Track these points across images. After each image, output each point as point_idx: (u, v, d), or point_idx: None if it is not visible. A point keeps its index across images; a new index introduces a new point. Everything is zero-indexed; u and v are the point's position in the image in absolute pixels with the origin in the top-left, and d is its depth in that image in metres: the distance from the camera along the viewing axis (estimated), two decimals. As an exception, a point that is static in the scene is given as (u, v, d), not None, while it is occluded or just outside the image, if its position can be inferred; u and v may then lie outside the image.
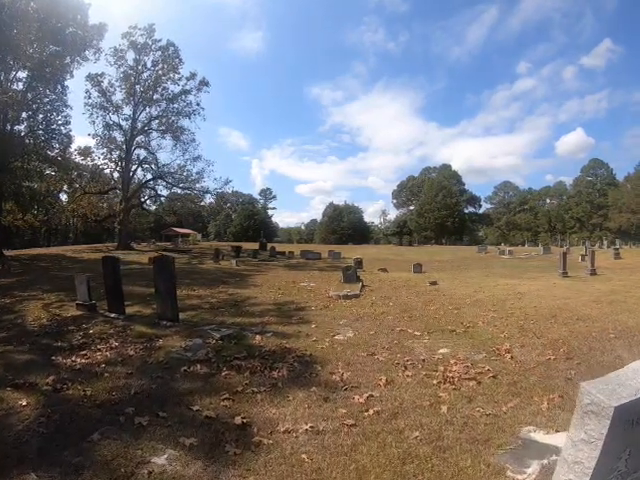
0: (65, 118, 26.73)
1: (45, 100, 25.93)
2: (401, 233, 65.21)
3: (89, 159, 32.43)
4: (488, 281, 13.45)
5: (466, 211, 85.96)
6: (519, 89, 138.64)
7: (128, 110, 33.39)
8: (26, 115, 25.12)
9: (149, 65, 33.27)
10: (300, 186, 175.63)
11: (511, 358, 4.64)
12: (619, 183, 73.24)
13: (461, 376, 3.99)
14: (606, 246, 42.42)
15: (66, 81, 26.43)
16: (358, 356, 4.82)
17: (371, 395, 3.56)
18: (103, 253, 26.62)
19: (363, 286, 11.66)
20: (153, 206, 42.78)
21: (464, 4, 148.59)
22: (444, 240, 75.54)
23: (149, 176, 35.84)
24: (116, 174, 34.59)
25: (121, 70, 32.54)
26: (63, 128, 26.80)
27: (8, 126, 23.80)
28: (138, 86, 33.13)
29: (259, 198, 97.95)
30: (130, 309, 8.02)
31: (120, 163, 33.61)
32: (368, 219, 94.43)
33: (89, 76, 31.54)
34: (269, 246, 33.79)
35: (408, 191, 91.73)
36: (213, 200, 40.56)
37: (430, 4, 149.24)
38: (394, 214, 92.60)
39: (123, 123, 33.51)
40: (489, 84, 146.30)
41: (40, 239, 51.46)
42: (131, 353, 5.19)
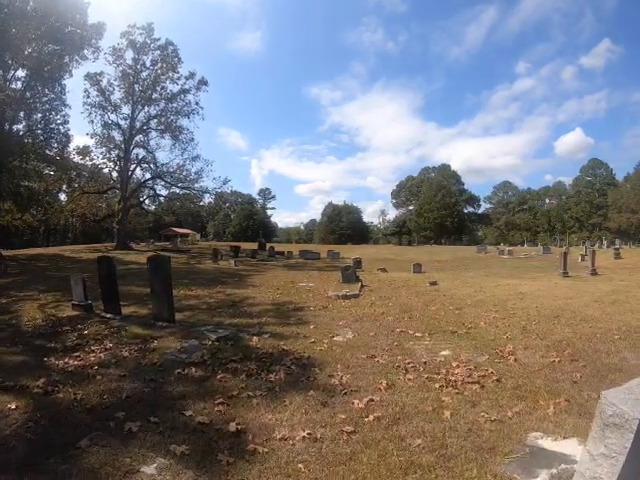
0: (64, 117, 26.62)
1: (44, 99, 25.76)
2: (400, 233, 65.24)
3: (88, 158, 32.21)
4: (488, 281, 13.34)
5: (465, 211, 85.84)
6: (518, 89, 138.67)
7: (127, 109, 33.24)
8: (25, 114, 24.97)
9: (148, 64, 33.10)
10: (299, 186, 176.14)
11: (515, 360, 4.52)
12: (618, 183, 73.17)
13: (464, 379, 3.87)
14: (606, 246, 42.35)
15: (65, 80, 26.32)
16: (358, 358, 4.69)
17: (371, 400, 3.43)
18: (102, 253, 26.41)
19: (362, 286, 11.54)
20: (152, 206, 42.58)
21: (463, 4, 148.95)
22: (443, 240, 75.39)
23: (148, 176, 35.70)
24: (115, 174, 34.46)
25: (120, 69, 32.35)
26: (62, 127, 26.68)
27: (6, 125, 23.63)
28: (137, 85, 32.93)
29: (258, 198, 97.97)
30: (126, 309, 7.92)
31: (119, 162, 33.41)
32: (367, 219, 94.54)
33: (88, 75, 31.35)
34: (268, 246, 33.64)
35: (407, 191, 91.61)
36: (212, 200, 40.44)
37: (429, 4, 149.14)
38: (393, 214, 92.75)
39: (122, 122, 33.35)
40: (488, 84, 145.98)
41: (39, 239, 51.23)
42: (125, 355, 5.08)
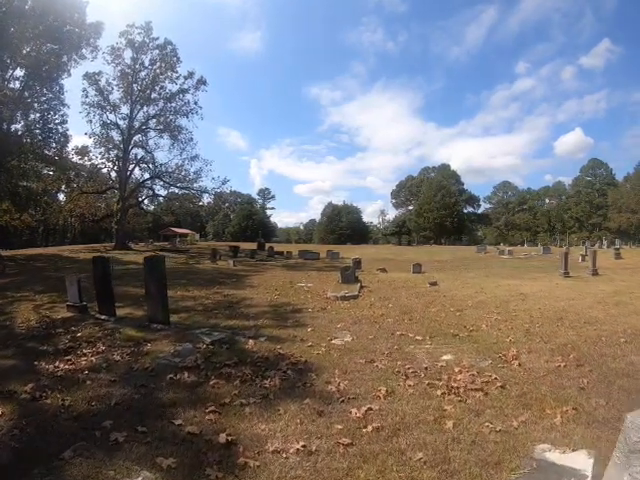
0: (62, 117, 26.37)
1: (42, 99, 25.58)
2: (400, 233, 65.08)
3: (86, 158, 32.02)
4: (489, 282, 13.18)
5: (465, 211, 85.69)
6: (518, 89, 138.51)
7: (125, 109, 33.03)
8: (23, 114, 24.80)
9: (147, 64, 32.89)
10: (299, 186, 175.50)
11: (519, 365, 4.37)
12: (618, 183, 73.05)
13: (467, 386, 3.71)
14: (606, 246, 42.21)
15: (63, 80, 26.11)
16: (356, 363, 4.54)
17: (370, 408, 3.27)
18: (100, 253, 26.30)
19: (362, 287, 11.39)
20: (151, 206, 42.33)
21: (463, 4, 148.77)
22: (443, 240, 75.24)
23: (147, 175, 35.46)
24: (113, 174, 34.20)
25: (118, 69, 32.15)
26: (60, 127, 26.44)
27: (4, 125, 23.47)
28: (135, 85, 32.74)
29: (257, 198, 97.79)
30: (121, 311, 7.79)
31: (117, 162, 33.21)
32: (367, 219, 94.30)
33: (86, 75, 31.16)
34: (267, 246, 33.45)
35: (407, 191, 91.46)
36: (211, 200, 40.21)
37: (429, 4, 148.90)
38: (393, 214, 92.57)
39: (120, 122, 33.15)
40: (488, 84, 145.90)
41: (38, 239, 51.11)
42: (117, 358, 4.96)
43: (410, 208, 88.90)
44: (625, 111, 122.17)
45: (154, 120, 34.15)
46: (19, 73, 23.86)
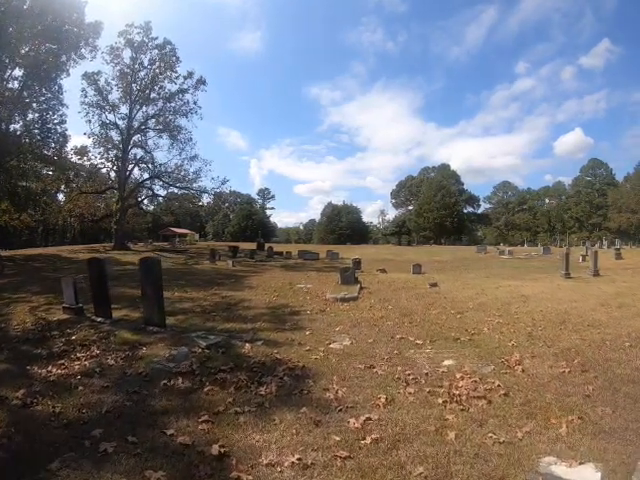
0: (61, 117, 26.22)
1: (41, 99, 25.46)
2: (400, 233, 64.90)
3: (85, 158, 31.88)
4: (490, 283, 13.06)
5: (465, 211, 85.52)
6: (518, 89, 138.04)
7: (125, 109, 32.85)
8: (21, 114, 24.69)
9: (146, 63, 32.72)
10: (298, 186, 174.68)
11: (522, 371, 4.25)
12: (618, 183, 72.92)
13: (469, 393, 3.59)
14: (606, 246, 42.09)
15: (62, 80, 25.95)
16: (355, 369, 4.42)
17: (369, 418, 3.15)
18: (99, 253, 26.20)
19: (361, 288, 11.27)
20: (150, 206, 42.16)
21: (463, 4, 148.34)
22: (443, 240, 75.11)
23: (146, 175, 35.26)
24: (113, 174, 34.05)
25: (117, 68, 31.98)
26: (59, 127, 26.28)
27: (3, 125, 23.36)
28: (135, 85, 32.59)
29: (257, 198, 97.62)
30: (118, 313, 7.69)
31: (117, 162, 33.06)
32: (367, 219, 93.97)
33: (85, 74, 31.02)
34: (267, 246, 33.31)
35: (407, 191, 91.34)
36: (211, 200, 40.05)
37: (429, 4, 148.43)
38: (393, 214, 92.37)
39: (120, 122, 32.97)
40: (488, 84, 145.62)
41: (37, 239, 51.01)
42: (111, 363, 4.87)
43: (410, 208, 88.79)
44: (625, 111, 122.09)
45: (153, 120, 34.03)
46: (18, 73, 23.79)
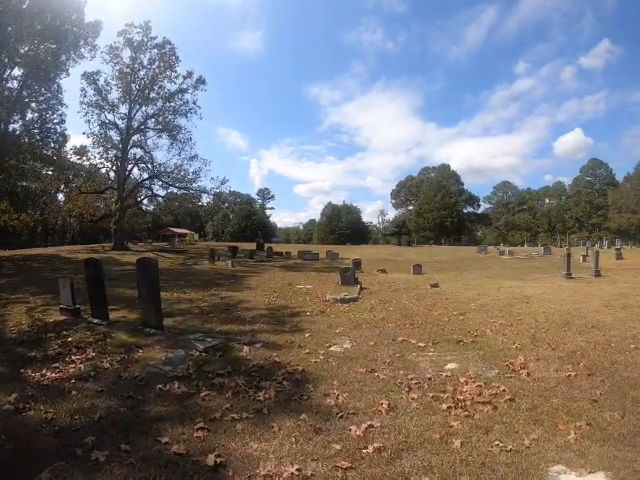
0: (60, 117, 26.19)
1: (40, 98, 25.41)
2: (400, 233, 64.59)
3: (85, 158, 31.75)
4: (491, 283, 12.97)
5: (465, 211, 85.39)
6: (518, 89, 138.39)
7: (124, 109, 32.71)
8: (21, 113, 24.59)
9: (145, 63, 32.58)
10: (298, 186, 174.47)
11: (527, 375, 4.13)
12: (618, 183, 72.82)
13: (474, 399, 3.48)
14: (606, 246, 42.01)
15: (61, 79, 25.92)
16: (356, 373, 4.31)
17: (371, 425, 3.04)
18: (99, 253, 26.09)
19: (361, 289, 11.18)
20: (150, 206, 42.05)
21: (463, 4, 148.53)
22: (443, 240, 74.96)
23: (145, 175, 35.14)
24: (112, 173, 33.92)
25: (117, 68, 31.84)
26: (58, 127, 26.25)
27: (2, 125, 23.25)
28: (134, 84, 32.46)
29: (257, 198, 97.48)
30: (115, 314, 7.60)
31: (116, 162, 32.94)
32: (366, 219, 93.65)
33: (84, 74, 30.89)
34: (266, 246, 33.18)
35: (407, 191, 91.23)
36: (210, 200, 39.94)
37: (428, 4, 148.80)
38: (393, 214, 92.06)
39: (119, 122, 32.86)
40: (488, 84, 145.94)
41: (37, 239, 50.88)
42: (106, 366, 4.76)
43: (410, 208, 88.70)
44: (625, 111, 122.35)
45: (153, 120, 33.93)
46: (17, 72, 23.72)
